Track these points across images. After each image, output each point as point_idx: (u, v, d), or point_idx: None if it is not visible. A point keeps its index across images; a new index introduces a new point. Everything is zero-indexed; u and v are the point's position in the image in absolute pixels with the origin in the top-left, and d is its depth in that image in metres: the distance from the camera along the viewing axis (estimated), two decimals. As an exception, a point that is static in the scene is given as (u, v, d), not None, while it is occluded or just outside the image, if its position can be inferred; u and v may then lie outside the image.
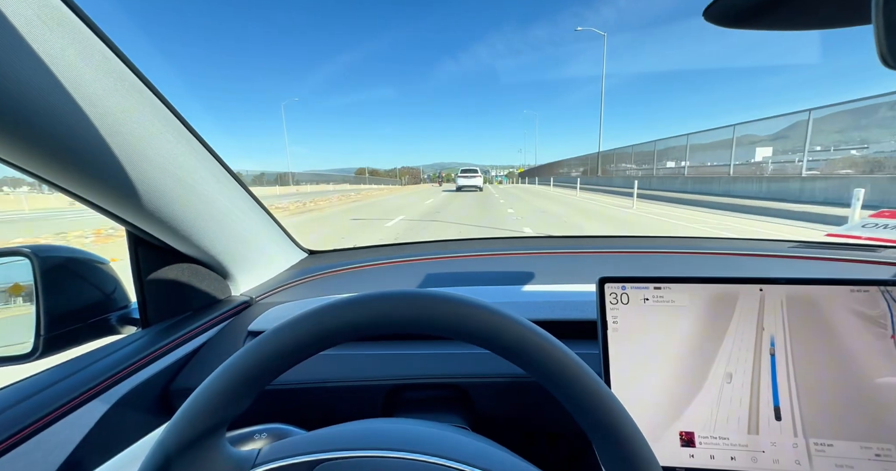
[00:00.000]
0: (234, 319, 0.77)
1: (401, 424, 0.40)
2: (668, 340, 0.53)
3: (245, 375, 0.28)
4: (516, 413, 0.65)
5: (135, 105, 0.49)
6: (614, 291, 0.56)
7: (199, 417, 0.28)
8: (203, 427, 0.28)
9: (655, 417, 0.52)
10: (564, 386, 0.28)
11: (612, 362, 0.54)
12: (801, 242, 1.04)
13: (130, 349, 0.59)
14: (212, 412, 0.28)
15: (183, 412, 0.28)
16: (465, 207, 13.71)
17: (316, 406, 0.65)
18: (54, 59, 0.39)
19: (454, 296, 0.29)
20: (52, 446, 0.46)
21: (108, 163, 0.48)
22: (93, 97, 0.43)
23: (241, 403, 0.29)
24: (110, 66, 0.45)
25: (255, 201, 0.82)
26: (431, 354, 0.67)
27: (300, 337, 0.29)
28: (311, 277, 0.96)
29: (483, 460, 0.33)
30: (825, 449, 0.48)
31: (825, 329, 0.50)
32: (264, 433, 0.43)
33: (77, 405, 0.49)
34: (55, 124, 0.42)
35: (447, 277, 0.96)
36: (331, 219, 10.78)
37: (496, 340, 0.28)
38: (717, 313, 0.53)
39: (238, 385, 0.28)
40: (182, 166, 0.58)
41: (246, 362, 0.28)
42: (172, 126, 0.56)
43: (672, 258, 1.00)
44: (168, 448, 0.27)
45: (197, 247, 0.69)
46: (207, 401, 0.28)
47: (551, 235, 1.57)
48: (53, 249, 0.62)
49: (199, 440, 0.28)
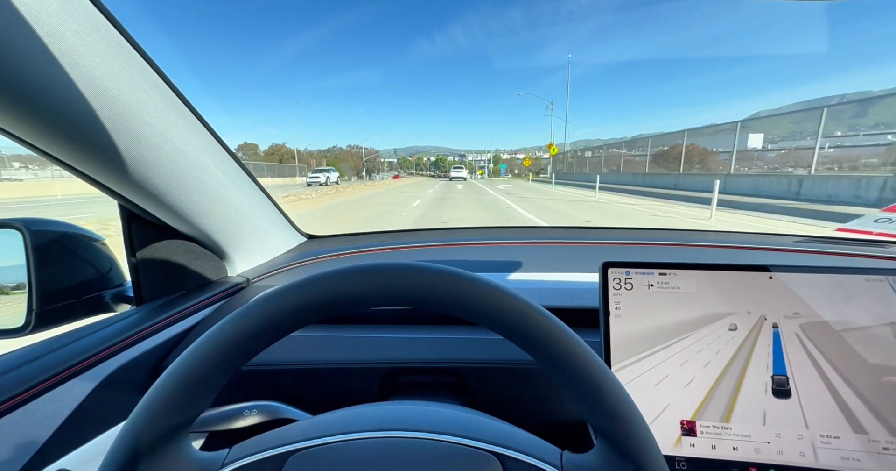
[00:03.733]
0: (230, 299, 0.76)
1: (377, 407, 0.38)
2: (672, 328, 0.52)
3: (199, 371, 0.26)
4: (515, 399, 0.64)
5: (126, 70, 0.47)
6: (618, 276, 0.54)
7: (156, 418, 0.25)
8: (161, 430, 0.26)
9: (656, 404, 0.51)
10: (564, 365, 0.26)
11: (614, 348, 0.53)
12: (810, 237, 1.02)
13: (121, 326, 0.58)
14: (165, 413, 0.25)
15: (138, 412, 0.26)
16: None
17: (311, 388, 0.64)
18: (45, 24, 0.37)
19: (446, 268, 0.27)
20: (39, 419, 0.45)
21: (96, 129, 0.46)
22: (81, 62, 0.41)
23: (198, 403, 0.26)
24: (99, 28, 0.43)
25: (255, 182, 0.81)
26: (429, 338, 0.66)
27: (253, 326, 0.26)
28: (309, 261, 0.95)
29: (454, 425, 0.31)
30: (831, 441, 0.47)
31: (835, 320, 0.48)
32: (254, 410, 0.42)
33: (63, 379, 0.48)
34: (45, 90, 0.40)
35: (446, 264, 0.95)
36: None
37: (494, 317, 0.27)
38: (724, 301, 0.51)
39: (194, 382, 0.26)
40: (176, 136, 0.56)
41: (199, 355, 0.26)
42: (165, 95, 0.54)
43: (677, 250, 0.98)
44: (125, 453, 0.25)
45: (191, 224, 0.67)
46: (162, 399, 0.26)
47: (554, 226, 1.55)
48: (46, 222, 0.61)
49: (157, 445, 0.26)
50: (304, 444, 0.29)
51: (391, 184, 35.99)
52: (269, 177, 39.96)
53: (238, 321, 0.26)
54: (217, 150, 0.67)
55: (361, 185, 31.23)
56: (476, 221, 8.74)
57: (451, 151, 62.46)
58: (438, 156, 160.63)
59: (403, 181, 43.72)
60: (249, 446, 0.30)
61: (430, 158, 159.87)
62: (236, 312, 0.26)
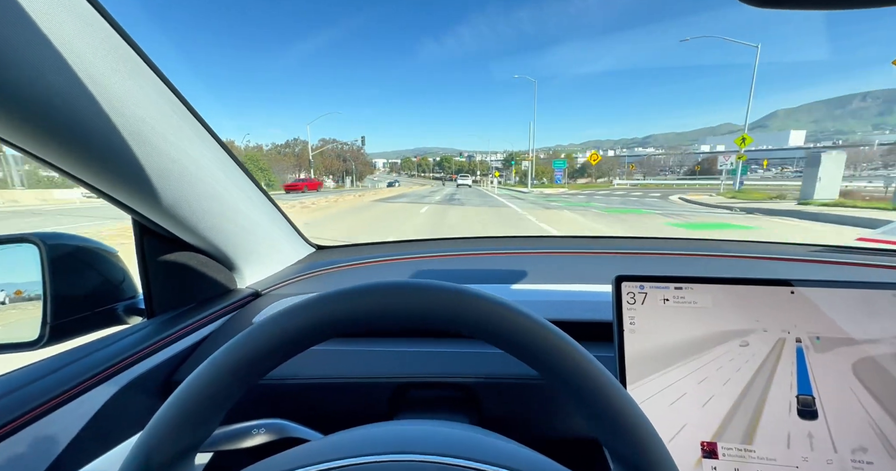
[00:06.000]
0: (239, 311, 0.76)
1: (391, 428, 0.37)
2: (689, 344, 0.50)
3: (207, 392, 0.25)
4: (525, 415, 0.63)
5: (140, 89, 0.48)
6: (631, 290, 0.53)
7: (165, 443, 0.25)
8: (169, 454, 0.25)
9: (674, 424, 0.49)
10: (575, 384, 0.25)
11: (629, 365, 0.51)
12: (830, 247, 0.99)
13: (132, 339, 0.59)
14: (174, 438, 0.25)
15: (146, 437, 0.25)
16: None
17: (319, 403, 0.63)
18: (64, 43, 0.38)
19: (452, 286, 0.26)
20: (52, 434, 0.45)
21: (112, 148, 0.47)
22: (99, 81, 0.42)
23: (208, 425, 0.26)
24: (115, 48, 0.44)
25: (263, 193, 0.81)
26: (439, 352, 0.65)
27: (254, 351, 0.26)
28: (317, 272, 0.95)
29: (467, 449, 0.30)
30: (863, 467, 0.44)
31: (862, 337, 0.46)
32: (262, 428, 0.42)
33: (77, 394, 0.48)
34: (63, 109, 0.41)
35: (455, 275, 0.94)
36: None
37: (500, 334, 0.26)
38: (743, 316, 0.49)
39: (203, 404, 0.25)
40: (187, 154, 0.57)
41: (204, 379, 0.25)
42: (178, 109, 0.55)
43: (692, 260, 0.96)
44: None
45: (202, 237, 0.68)
46: (171, 422, 0.25)
47: (565, 235, 1.54)
48: (62, 236, 0.62)
49: (166, 469, 0.25)
50: (319, 467, 0.29)
51: (348, 202, 18.86)
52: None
53: (245, 343, 0.26)
54: (227, 161, 0.68)
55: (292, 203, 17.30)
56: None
57: (459, 152, 57.78)
58: (444, 156, 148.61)
59: (386, 193, 29.26)
60: (262, 469, 0.30)
61: (435, 158, 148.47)
62: (245, 332, 0.26)
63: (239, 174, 0.72)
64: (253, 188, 0.77)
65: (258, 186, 0.79)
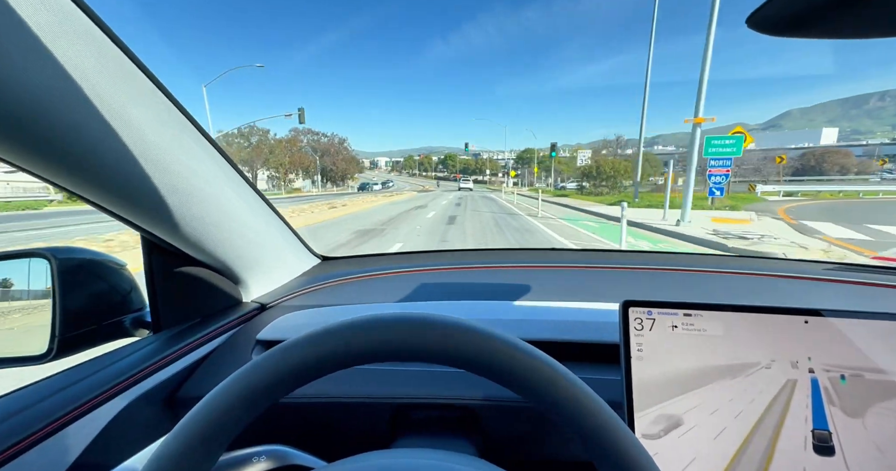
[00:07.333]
0: (245, 325, 0.77)
1: (394, 458, 0.37)
2: (700, 373, 0.49)
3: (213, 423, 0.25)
4: (528, 438, 0.61)
5: (148, 109, 0.49)
6: (639, 316, 0.51)
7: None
8: None
9: (684, 457, 0.47)
10: (574, 421, 0.26)
11: (636, 392, 0.50)
12: (844, 265, 0.96)
13: (140, 355, 0.59)
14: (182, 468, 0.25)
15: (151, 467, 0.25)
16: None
17: (317, 424, 0.63)
18: (72, 64, 0.39)
19: (441, 321, 0.27)
20: (62, 449, 0.45)
21: (120, 167, 0.48)
22: (107, 100, 0.43)
23: (210, 457, 0.26)
24: (121, 65, 0.45)
25: (268, 205, 0.82)
26: (441, 372, 0.64)
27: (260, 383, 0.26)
28: (324, 285, 0.95)
29: None
30: (883, 508, 0.42)
31: (884, 370, 0.44)
32: (263, 456, 0.41)
33: (86, 411, 0.48)
34: (70, 130, 0.41)
35: (460, 290, 0.93)
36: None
37: (498, 371, 0.26)
38: (755, 345, 0.48)
39: (206, 437, 0.25)
40: (194, 171, 0.57)
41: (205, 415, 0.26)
42: (186, 131, 0.56)
43: (699, 278, 0.94)
44: None
45: (208, 253, 0.68)
46: (175, 456, 0.25)
47: (570, 249, 1.52)
48: (72, 250, 0.63)
49: None
50: None
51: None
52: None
53: (247, 377, 0.26)
54: (231, 172, 0.68)
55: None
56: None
57: (465, 143, 55.26)
58: (448, 154, 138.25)
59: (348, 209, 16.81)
60: None
61: (439, 156, 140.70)
62: (246, 367, 0.26)
63: (242, 185, 0.72)
64: (256, 199, 0.77)
65: (262, 196, 0.79)
